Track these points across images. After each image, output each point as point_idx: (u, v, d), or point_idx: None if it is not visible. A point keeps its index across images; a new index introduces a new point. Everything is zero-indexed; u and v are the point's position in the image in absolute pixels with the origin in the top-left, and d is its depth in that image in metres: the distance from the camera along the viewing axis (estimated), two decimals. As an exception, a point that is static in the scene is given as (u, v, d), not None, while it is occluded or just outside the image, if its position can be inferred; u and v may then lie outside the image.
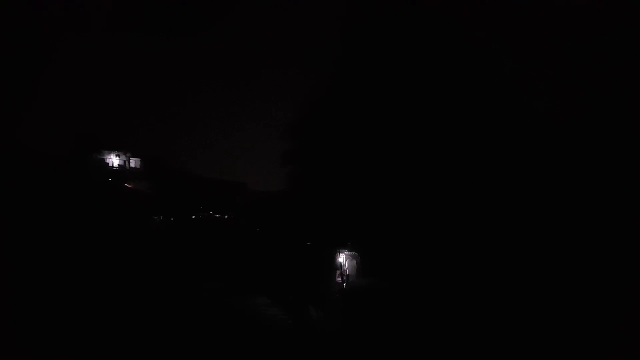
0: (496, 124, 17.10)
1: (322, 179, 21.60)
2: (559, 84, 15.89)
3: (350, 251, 20.76)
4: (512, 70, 17.15)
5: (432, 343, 14.47)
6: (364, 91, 19.93)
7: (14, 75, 21.09)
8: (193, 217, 27.79)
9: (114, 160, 28.36)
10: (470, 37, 17.78)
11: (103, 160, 27.84)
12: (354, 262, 20.92)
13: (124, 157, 28.70)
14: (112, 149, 28.09)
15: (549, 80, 16.01)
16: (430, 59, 18.43)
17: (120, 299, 17.32)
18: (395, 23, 19.27)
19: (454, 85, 17.91)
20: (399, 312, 16.19)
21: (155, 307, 17.41)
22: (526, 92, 16.42)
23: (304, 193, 22.69)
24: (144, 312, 16.84)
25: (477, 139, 17.26)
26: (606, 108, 14.93)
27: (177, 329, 16.10)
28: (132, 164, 28.94)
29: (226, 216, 28.60)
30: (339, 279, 20.66)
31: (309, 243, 22.39)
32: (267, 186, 29.11)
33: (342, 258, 20.87)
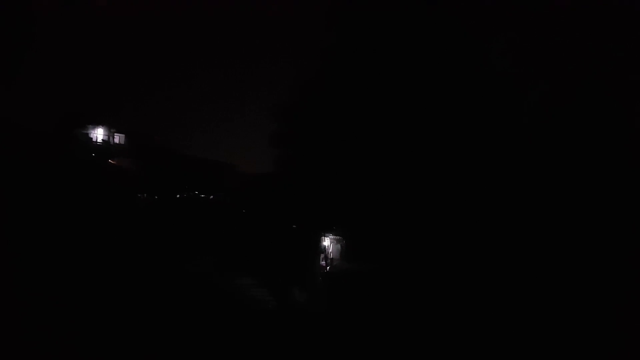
0: (472, 108, 17.30)
1: (309, 162, 21.65)
2: (554, 83, 16.09)
3: (335, 235, 21.05)
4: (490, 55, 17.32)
5: (415, 324, 14.85)
6: (352, 77, 19.93)
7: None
8: (177, 196, 27.69)
9: (98, 135, 27.93)
10: (458, 28, 17.88)
11: (87, 135, 27.39)
12: (339, 245, 21.23)
13: (107, 133, 28.29)
14: (96, 124, 27.63)
15: (543, 78, 16.21)
16: (413, 46, 18.48)
17: (103, 274, 17.24)
18: (381, 11, 19.27)
19: (435, 70, 18.02)
20: (382, 295, 16.54)
21: (139, 286, 17.37)
22: (517, 88, 16.62)
23: (291, 176, 22.72)
24: (126, 290, 16.79)
25: (459, 124, 17.45)
26: (601, 108, 15.11)
27: (160, 310, 16.06)
28: (117, 140, 28.55)
29: (212, 196, 28.61)
30: (323, 262, 21.00)
31: (294, 226, 22.61)
32: (255, 169, 29.11)
33: (326, 242, 21.17)
